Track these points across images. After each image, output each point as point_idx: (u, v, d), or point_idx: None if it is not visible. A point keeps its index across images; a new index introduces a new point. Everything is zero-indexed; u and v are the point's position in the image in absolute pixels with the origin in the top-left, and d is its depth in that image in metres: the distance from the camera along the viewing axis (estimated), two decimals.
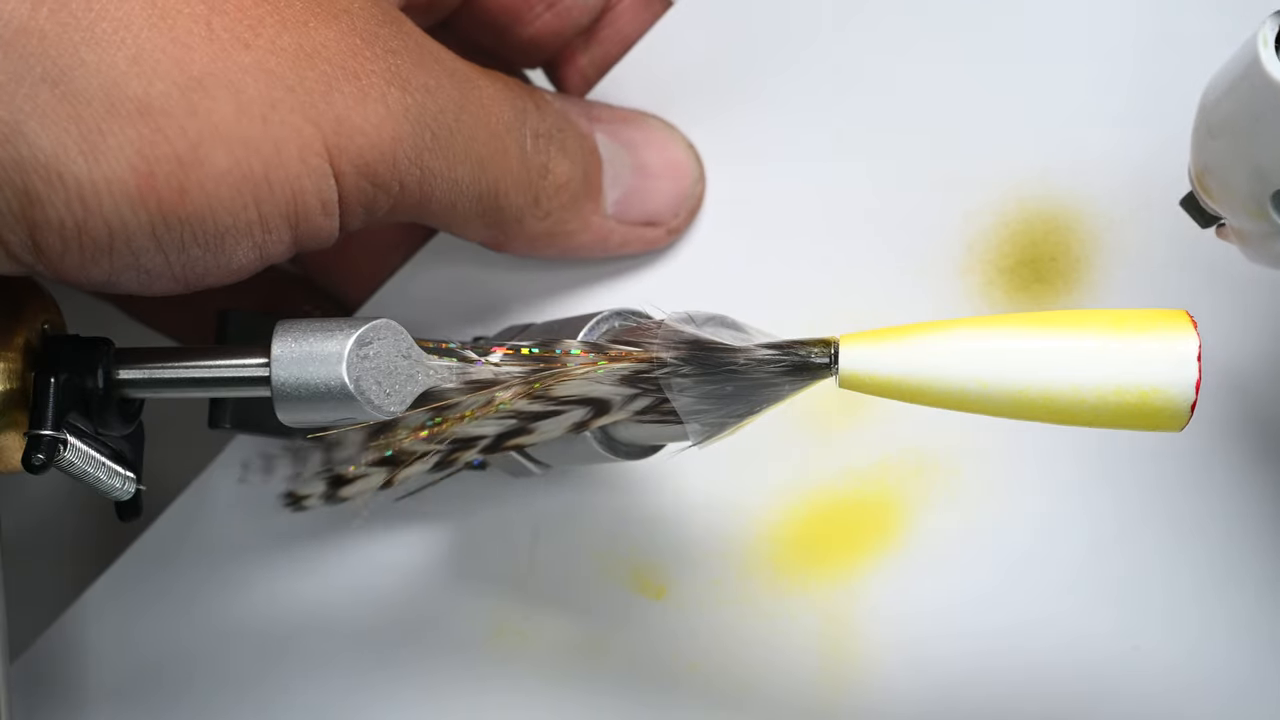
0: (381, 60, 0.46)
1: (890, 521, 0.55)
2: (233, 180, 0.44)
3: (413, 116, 0.47)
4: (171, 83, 0.43)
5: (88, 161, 0.43)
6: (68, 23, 0.42)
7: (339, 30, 0.46)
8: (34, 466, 0.46)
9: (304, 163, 0.45)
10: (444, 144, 0.48)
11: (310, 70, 0.45)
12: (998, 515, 0.55)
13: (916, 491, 0.55)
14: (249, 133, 0.44)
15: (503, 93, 0.51)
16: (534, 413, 0.48)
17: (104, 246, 0.44)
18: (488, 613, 0.56)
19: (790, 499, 0.56)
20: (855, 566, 0.55)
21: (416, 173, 0.47)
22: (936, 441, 0.55)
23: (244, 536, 0.57)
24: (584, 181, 0.53)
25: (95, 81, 0.43)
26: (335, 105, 0.45)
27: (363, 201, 0.47)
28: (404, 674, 0.56)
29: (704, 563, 0.56)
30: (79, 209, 0.43)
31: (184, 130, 0.43)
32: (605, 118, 0.55)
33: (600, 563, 0.56)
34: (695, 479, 0.56)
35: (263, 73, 0.44)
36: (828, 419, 0.55)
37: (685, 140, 0.56)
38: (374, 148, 0.46)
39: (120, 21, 0.43)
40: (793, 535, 0.56)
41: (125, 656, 0.57)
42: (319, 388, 0.47)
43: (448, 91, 0.48)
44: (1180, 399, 0.44)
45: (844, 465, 0.55)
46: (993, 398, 0.45)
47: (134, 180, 0.43)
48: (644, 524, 0.56)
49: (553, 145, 0.52)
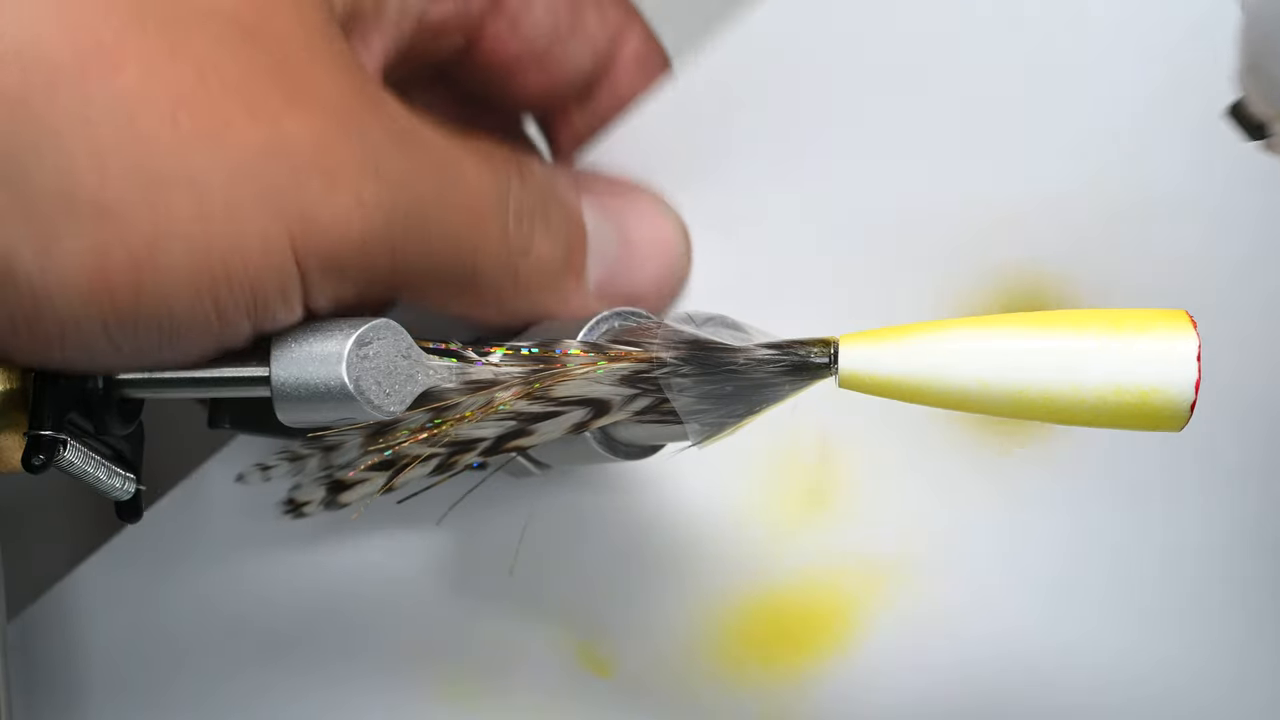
0: (356, 151, 0.45)
1: (843, 623, 0.55)
2: (190, 278, 0.44)
3: (385, 209, 0.46)
4: (131, 182, 0.42)
5: (39, 263, 0.42)
6: (25, 121, 0.42)
7: (312, 122, 0.45)
8: (34, 467, 0.46)
9: (266, 258, 0.44)
10: (419, 232, 0.47)
11: (278, 165, 0.44)
12: (952, 626, 0.55)
13: (872, 595, 0.55)
14: (209, 230, 0.43)
15: (487, 170, 0.49)
16: (534, 414, 0.48)
17: (55, 338, 0.44)
18: (434, 675, 0.56)
19: (746, 592, 0.55)
20: (804, 665, 0.55)
21: (388, 260, 0.46)
22: (897, 548, 0.55)
23: (238, 530, 0.57)
24: (566, 259, 0.52)
25: (52, 182, 0.42)
26: (302, 200, 0.44)
27: (328, 292, 0.46)
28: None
29: (655, 645, 0.56)
30: (30, 306, 0.43)
31: (140, 231, 0.43)
32: (594, 189, 0.54)
33: (548, 635, 0.56)
34: (653, 561, 0.56)
35: (227, 170, 0.43)
36: (788, 516, 0.55)
37: (676, 216, 0.55)
38: (342, 240, 0.45)
39: (80, 120, 0.42)
40: (745, 628, 0.56)
41: (114, 636, 0.57)
42: (319, 387, 0.47)
43: (426, 179, 0.47)
44: (1180, 397, 0.44)
45: (802, 563, 0.55)
46: (993, 396, 0.45)
47: (86, 282, 0.43)
48: (596, 601, 0.56)
49: (536, 222, 0.51)
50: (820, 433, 0.56)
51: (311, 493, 0.51)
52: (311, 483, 0.51)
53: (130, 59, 0.43)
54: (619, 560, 0.56)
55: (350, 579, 0.57)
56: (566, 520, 0.56)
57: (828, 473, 0.56)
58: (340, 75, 0.46)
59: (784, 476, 0.56)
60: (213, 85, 0.44)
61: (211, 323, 0.45)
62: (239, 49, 0.44)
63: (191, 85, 0.43)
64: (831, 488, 0.56)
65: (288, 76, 0.45)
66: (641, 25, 0.56)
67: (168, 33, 0.43)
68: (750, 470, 0.56)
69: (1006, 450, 0.55)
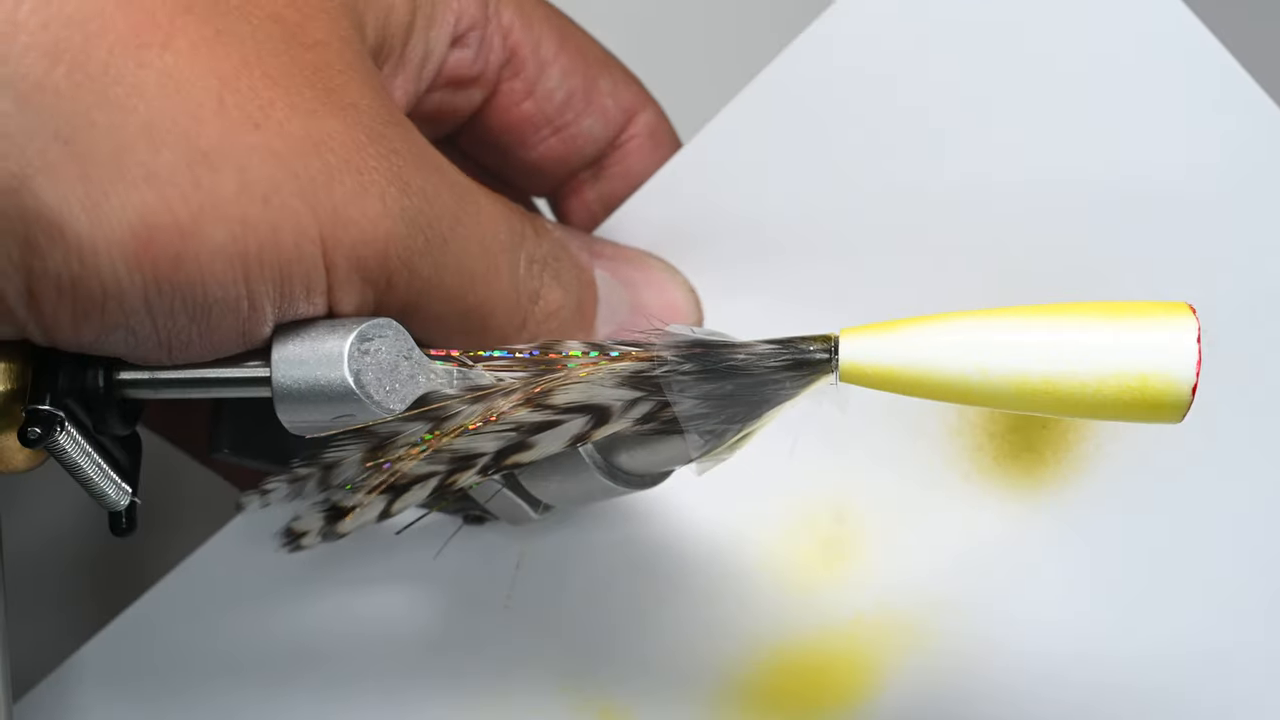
0: (384, 159, 0.47)
1: (861, 679, 0.55)
2: (227, 255, 0.45)
3: (408, 218, 0.47)
4: (179, 153, 0.44)
5: (90, 219, 0.43)
6: (82, 83, 0.43)
7: (345, 123, 0.46)
8: (29, 440, 0.46)
9: (298, 248, 0.45)
10: (436, 250, 0.48)
11: (314, 159, 0.45)
12: (969, 682, 0.54)
13: (889, 651, 0.55)
14: (248, 212, 0.45)
15: (502, 213, 0.51)
16: (533, 424, 0.47)
17: (97, 303, 0.44)
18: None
19: (762, 647, 0.55)
20: (826, 716, 0.54)
21: (405, 274, 0.48)
22: (914, 601, 0.55)
23: (247, 594, 0.56)
24: (576, 312, 0.53)
25: (105, 144, 0.43)
26: (334, 196, 0.46)
27: (348, 294, 0.47)
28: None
29: (673, 705, 0.55)
30: (76, 264, 0.44)
31: (186, 201, 0.44)
32: (607, 254, 0.55)
33: (569, 697, 0.55)
34: (668, 620, 0.55)
35: (269, 155, 0.45)
36: (805, 571, 0.55)
37: (686, 284, 0.56)
38: (367, 243, 0.46)
39: (134, 87, 0.44)
40: (762, 684, 0.55)
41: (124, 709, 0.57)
42: (320, 383, 0.47)
43: (445, 201, 0.48)
44: (1180, 385, 0.44)
45: (819, 618, 0.55)
46: (994, 387, 0.45)
47: (132, 243, 0.44)
48: (614, 662, 0.55)
49: (547, 272, 0.52)
50: (835, 491, 0.55)
51: (309, 522, 0.51)
52: (309, 510, 0.51)
53: (180, 36, 0.44)
54: (635, 618, 0.55)
55: (355, 622, 0.56)
56: (578, 575, 0.55)
57: (845, 528, 0.55)
58: (369, 89, 0.48)
59: (800, 532, 0.55)
60: (256, 73, 0.45)
61: (241, 303, 0.45)
62: (280, 46, 0.46)
63: (236, 69, 0.45)
64: (849, 542, 0.55)
65: (324, 79, 0.47)
66: (653, 103, 0.57)
67: (214, 20, 0.45)
68: (767, 525, 0.55)
69: (1023, 494, 0.55)
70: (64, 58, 0.43)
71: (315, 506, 0.50)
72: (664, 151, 0.57)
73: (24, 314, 0.45)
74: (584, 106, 0.56)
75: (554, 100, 0.55)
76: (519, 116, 0.55)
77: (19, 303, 0.44)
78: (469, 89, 0.54)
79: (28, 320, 0.45)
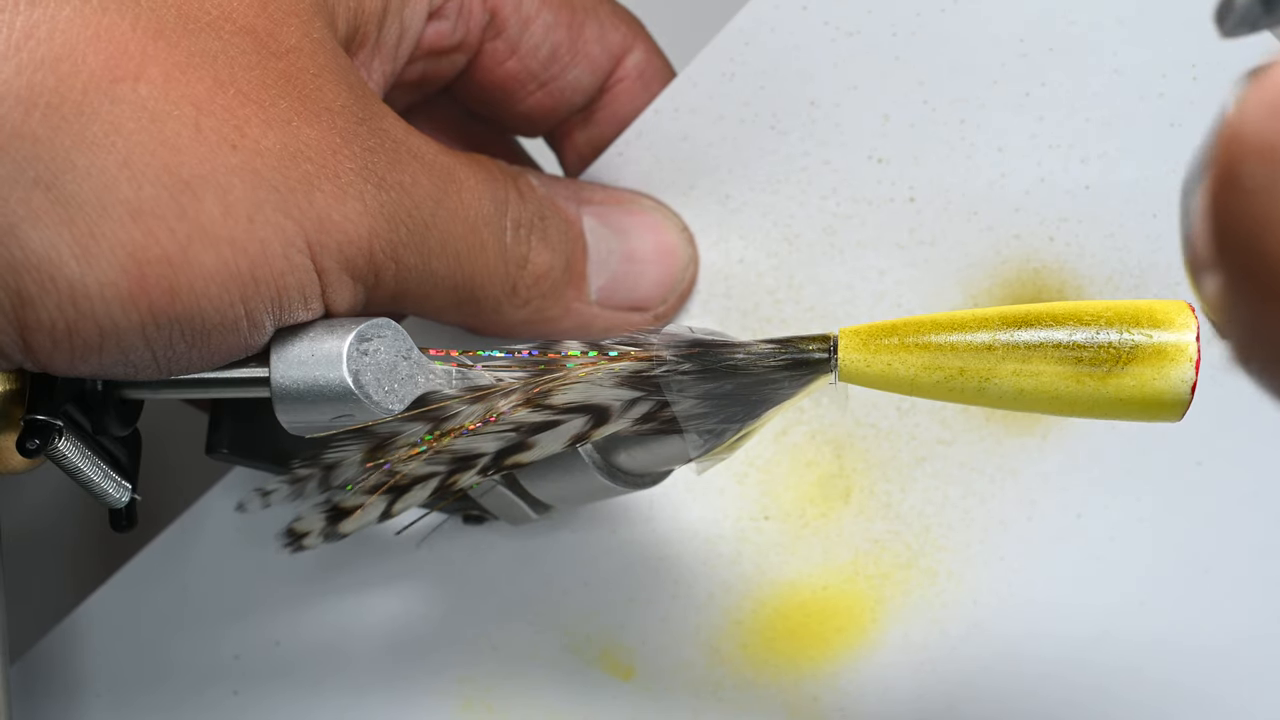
0: (359, 158, 0.47)
1: (863, 617, 0.55)
2: (220, 279, 0.45)
3: (388, 213, 0.47)
4: (161, 186, 0.44)
5: (80, 264, 0.43)
6: (59, 127, 0.43)
7: (320, 129, 0.46)
8: (28, 451, 0.46)
9: (288, 260, 0.46)
10: (419, 239, 0.48)
11: (293, 170, 0.46)
12: (972, 616, 0.55)
13: (892, 589, 0.55)
14: (235, 233, 0.45)
15: (484, 183, 0.51)
16: (533, 424, 0.47)
17: (94, 346, 0.45)
18: (455, 685, 0.55)
19: (764, 588, 0.55)
20: (826, 661, 0.55)
21: (392, 266, 0.48)
22: (914, 540, 0.55)
23: (236, 566, 0.57)
24: (566, 269, 0.53)
25: (87, 185, 0.43)
26: (316, 203, 0.46)
27: (342, 295, 0.47)
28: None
29: (674, 647, 0.56)
30: (71, 311, 0.44)
31: (173, 232, 0.44)
32: (597, 200, 0.55)
33: (570, 639, 0.56)
34: (670, 563, 0.55)
35: (249, 173, 0.45)
36: (804, 512, 0.55)
37: (679, 223, 0.56)
38: (352, 243, 0.47)
39: (111, 124, 0.43)
40: (765, 625, 0.55)
41: (120, 668, 0.57)
42: (319, 383, 0.47)
43: (424, 188, 0.49)
44: (1180, 384, 0.44)
45: (820, 559, 0.55)
46: (994, 387, 0.45)
47: (125, 281, 0.44)
48: (616, 605, 0.56)
49: (534, 235, 0.52)
50: (835, 432, 0.55)
51: (311, 522, 0.51)
52: (311, 511, 0.50)
53: (152, 65, 0.44)
54: (636, 566, 0.56)
55: (362, 593, 0.56)
56: (585, 531, 0.56)
57: (844, 468, 0.55)
58: (343, 88, 0.48)
59: (801, 474, 0.55)
60: (230, 92, 0.45)
61: (241, 323, 0.46)
62: (253, 59, 0.46)
63: (210, 92, 0.45)
64: (849, 483, 0.55)
65: (297, 85, 0.46)
66: (645, 40, 0.56)
67: (185, 42, 0.45)
68: (768, 468, 0.55)
69: (1027, 439, 0.55)
70: (39, 102, 0.43)
71: (317, 507, 0.50)
72: (654, 90, 0.56)
73: (19, 357, 0.45)
74: (570, 59, 0.55)
75: (538, 56, 0.55)
76: (503, 75, 0.55)
77: (14, 349, 0.44)
78: (451, 55, 0.54)
79: (24, 362, 0.45)
